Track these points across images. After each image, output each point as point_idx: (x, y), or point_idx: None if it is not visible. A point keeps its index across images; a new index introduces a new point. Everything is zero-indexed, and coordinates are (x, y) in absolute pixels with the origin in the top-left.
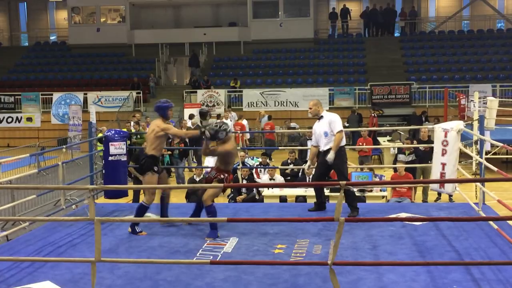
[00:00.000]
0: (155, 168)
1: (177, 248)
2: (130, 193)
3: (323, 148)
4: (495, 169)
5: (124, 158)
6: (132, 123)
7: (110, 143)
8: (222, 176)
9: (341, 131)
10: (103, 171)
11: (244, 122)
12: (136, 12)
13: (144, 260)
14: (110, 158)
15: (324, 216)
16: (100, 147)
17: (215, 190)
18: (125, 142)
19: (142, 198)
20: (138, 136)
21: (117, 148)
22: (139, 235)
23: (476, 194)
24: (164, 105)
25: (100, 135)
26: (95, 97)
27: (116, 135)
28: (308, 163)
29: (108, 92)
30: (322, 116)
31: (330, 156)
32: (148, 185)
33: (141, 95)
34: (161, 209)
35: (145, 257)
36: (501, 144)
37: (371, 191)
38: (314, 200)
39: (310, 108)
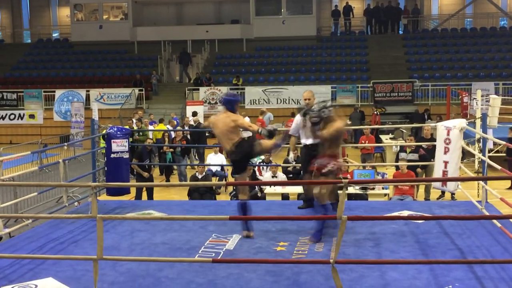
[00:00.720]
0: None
1: (179, 245)
2: (133, 190)
3: (310, 142)
4: (498, 167)
5: (127, 156)
6: (134, 120)
7: (112, 140)
8: (334, 164)
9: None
10: (105, 168)
11: (247, 119)
12: (138, 9)
13: (145, 258)
14: (112, 155)
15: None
16: (102, 144)
17: (330, 186)
18: (127, 140)
19: (144, 196)
20: (141, 133)
21: (119, 146)
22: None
23: (478, 192)
24: (234, 99)
25: (104, 132)
26: (97, 94)
27: (118, 132)
28: (291, 154)
29: (110, 89)
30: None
31: None
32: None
33: (143, 92)
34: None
35: (147, 254)
36: (503, 143)
37: (373, 189)
38: (277, 198)
39: (308, 99)
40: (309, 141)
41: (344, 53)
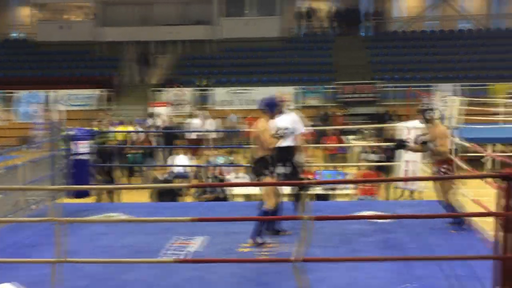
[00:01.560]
0: (266, 172)
1: (142, 247)
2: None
3: (287, 144)
4: (465, 166)
5: (90, 157)
6: (98, 121)
7: (75, 142)
8: (446, 167)
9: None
10: (68, 171)
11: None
12: (103, 9)
13: (107, 260)
14: (75, 157)
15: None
16: (65, 146)
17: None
18: (91, 141)
19: (105, 198)
20: (105, 135)
21: (83, 147)
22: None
23: None
24: (274, 102)
25: (66, 133)
26: (61, 96)
27: (81, 134)
28: None
29: (74, 90)
30: (286, 112)
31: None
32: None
33: (107, 93)
34: None
35: (109, 257)
36: (468, 144)
37: (338, 189)
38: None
39: (281, 101)
40: (286, 143)
41: (309, 55)
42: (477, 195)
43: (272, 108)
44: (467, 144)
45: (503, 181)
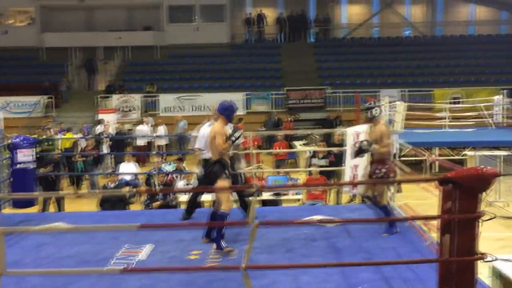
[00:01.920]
0: (225, 174)
1: (89, 257)
2: (40, 202)
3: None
4: (408, 170)
5: (33, 166)
6: (42, 128)
7: (17, 150)
8: (383, 170)
9: None
10: (10, 180)
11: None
12: (46, 14)
13: (51, 270)
14: (17, 166)
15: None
16: (7, 154)
17: (382, 187)
18: (33, 149)
19: (52, 208)
20: (50, 143)
21: (25, 156)
22: (225, 251)
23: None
24: (231, 107)
25: (8, 141)
26: (2, 103)
27: (24, 142)
28: (200, 169)
29: (17, 97)
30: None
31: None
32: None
33: (52, 100)
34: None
35: (54, 267)
36: (410, 147)
37: (286, 194)
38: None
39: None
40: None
41: (258, 61)
42: (414, 198)
43: (230, 113)
44: (407, 148)
45: (442, 185)
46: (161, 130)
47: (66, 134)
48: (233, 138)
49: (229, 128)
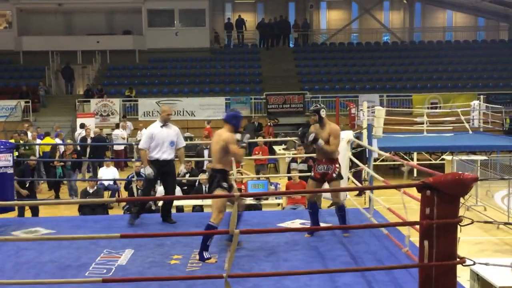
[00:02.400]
0: (225, 185)
1: (69, 262)
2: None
3: (166, 157)
4: (381, 178)
5: (11, 171)
6: (18, 133)
7: None
8: (337, 169)
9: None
10: None
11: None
12: (24, 18)
13: (30, 281)
14: None
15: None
16: None
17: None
18: (11, 154)
19: (28, 213)
20: (27, 147)
21: (3, 160)
22: (207, 262)
23: (365, 200)
24: (239, 115)
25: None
26: None
27: (1, 147)
28: (182, 167)
29: None
30: (168, 124)
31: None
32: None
33: (30, 104)
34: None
35: (34, 274)
36: (386, 154)
37: (267, 199)
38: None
39: (169, 114)
40: (164, 156)
41: (238, 65)
42: (394, 202)
43: (237, 122)
44: (386, 154)
45: (420, 191)
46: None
47: (45, 139)
48: (244, 144)
49: (236, 135)
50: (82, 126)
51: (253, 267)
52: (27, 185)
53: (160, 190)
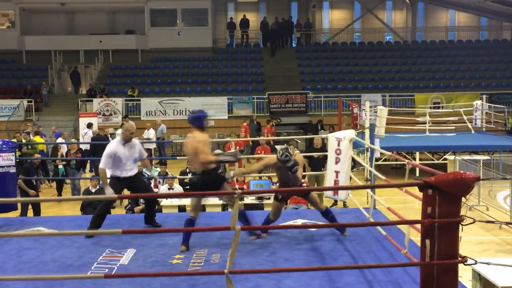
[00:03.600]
0: (228, 179)
1: (70, 262)
2: (19, 206)
3: (130, 174)
4: (383, 177)
5: (13, 170)
6: (20, 133)
7: None
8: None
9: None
10: None
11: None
12: (26, 17)
13: (33, 276)
14: None
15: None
16: None
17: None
18: (14, 153)
19: (30, 213)
20: (29, 147)
21: (5, 160)
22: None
23: (367, 200)
24: (200, 115)
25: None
26: None
27: (4, 146)
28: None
29: None
30: (130, 142)
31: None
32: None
33: (32, 103)
34: None
35: (35, 273)
36: (389, 153)
37: (269, 198)
38: (217, 209)
39: (132, 133)
40: (129, 174)
41: (240, 65)
42: (395, 202)
43: (200, 122)
44: (388, 153)
45: (422, 190)
46: (151, 133)
47: (35, 137)
48: (223, 158)
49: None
50: (90, 125)
51: (254, 266)
52: (34, 183)
53: (163, 188)
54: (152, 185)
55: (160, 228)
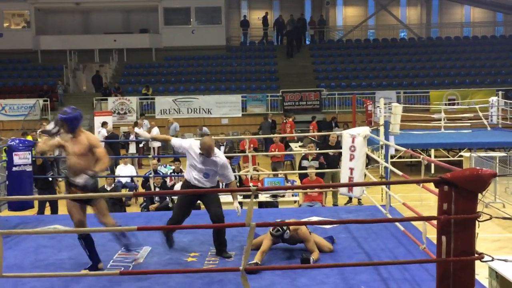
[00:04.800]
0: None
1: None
2: (36, 204)
3: (197, 184)
4: (400, 173)
5: (29, 169)
6: (38, 132)
7: (14, 153)
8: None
9: None
10: (7, 183)
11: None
12: (42, 17)
13: (49, 274)
14: (14, 168)
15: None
16: (4, 157)
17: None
18: (30, 152)
19: (47, 211)
20: None
21: (22, 158)
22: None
23: (382, 197)
24: (77, 114)
25: (5, 144)
26: None
27: (20, 145)
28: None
29: (12, 100)
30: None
31: None
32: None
33: (48, 103)
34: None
35: (52, 270)
36: (404, 149)
37: (283, 196)
38: (229, 207)
39: (210, 150)
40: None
41: (254, 63)
42: (410, 199)
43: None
44: (403, 149)
45: (438, 186)
46: (154, 132)
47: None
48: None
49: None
50: (104, 124)
51: (270, 264)
52: (50, 179)
53: (178, 186)
54: (168, 182)
55: (175, 225)
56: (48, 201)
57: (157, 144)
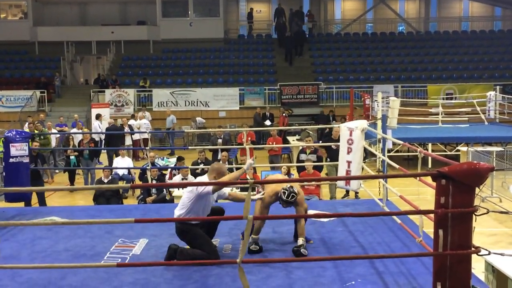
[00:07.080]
0: None
1: (83, 251)
2: (35, 196)
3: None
4: (397, 166)
5: (26, 160)
6: (27, 123)
7: (10, 144)
8: None
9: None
10: (3, 174)
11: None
12: (39, 8)
13: (46, 265)
14: (11, 160)
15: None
16: (0, 148)
17: None
18: (27, 143)
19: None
20: (42, 137)
21: (18, 150)
22: None
23: (379, 190)
24: None
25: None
26: None
27: (17, 136)
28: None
29: (9, 91)
30: None
31: None
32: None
33: (45, 94)
34: None
35: (49, 262)
36: (401, 142)
37: None
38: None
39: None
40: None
41: (252, 56)
42: (408, 193)
43: None
44: (400, 142)
45: (435, 180)
46: (142, 124)
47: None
48: None
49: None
50: (98, 117)
51: (266, 257)
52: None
53: (177, 178)
54: (167, 177)
55: (173, 218)
56: (36, 193)
57: (144, 136)
